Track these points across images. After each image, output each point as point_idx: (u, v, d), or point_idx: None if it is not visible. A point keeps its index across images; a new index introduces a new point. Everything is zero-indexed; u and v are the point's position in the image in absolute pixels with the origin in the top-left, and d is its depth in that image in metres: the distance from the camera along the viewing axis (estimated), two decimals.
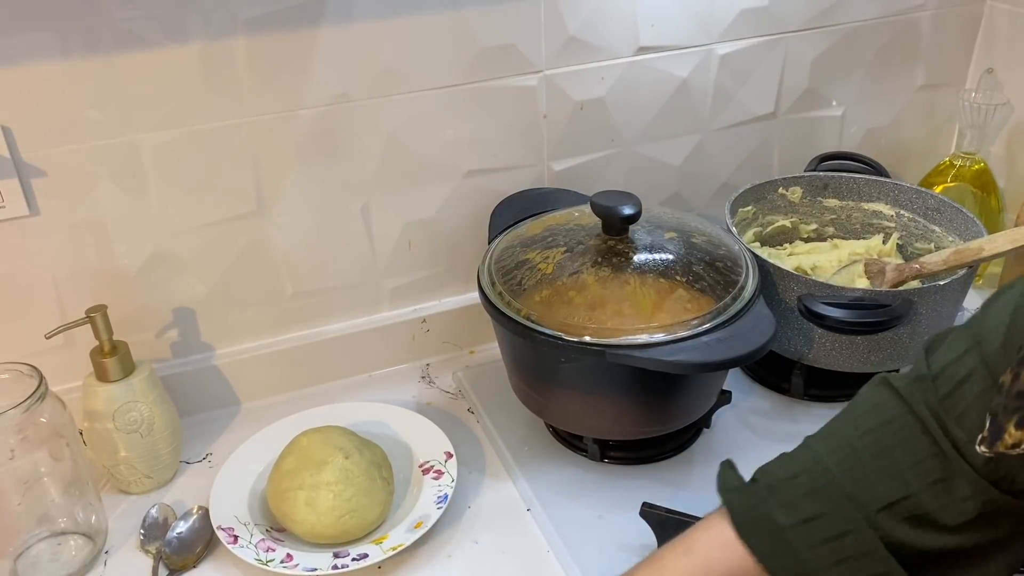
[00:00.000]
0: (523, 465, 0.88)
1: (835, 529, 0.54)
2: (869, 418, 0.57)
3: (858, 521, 0.54)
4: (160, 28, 0.79)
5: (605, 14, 0.95)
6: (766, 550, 0.55)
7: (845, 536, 0.54)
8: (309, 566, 0.75)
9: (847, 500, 0.55)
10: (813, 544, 0.54)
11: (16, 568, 0.77)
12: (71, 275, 0.86)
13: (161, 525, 0.81)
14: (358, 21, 0.86)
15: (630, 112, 1.02)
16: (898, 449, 0.54)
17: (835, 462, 0.56)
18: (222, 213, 0.90)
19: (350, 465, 0.78)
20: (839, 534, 0.54)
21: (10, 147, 0.78)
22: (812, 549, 0.54)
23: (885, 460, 0.55)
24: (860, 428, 0.57)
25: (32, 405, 0.72)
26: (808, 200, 1.06)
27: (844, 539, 0.54)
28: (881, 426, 0.56)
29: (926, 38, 1.14)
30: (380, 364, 1.03)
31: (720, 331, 0.76)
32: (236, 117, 0.86)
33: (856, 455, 0.56)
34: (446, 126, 0.94)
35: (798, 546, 0.55)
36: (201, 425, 0.95)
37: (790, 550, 0.55)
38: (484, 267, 0.86)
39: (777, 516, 0.56)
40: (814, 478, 0.56)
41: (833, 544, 0.54)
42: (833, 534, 0.54)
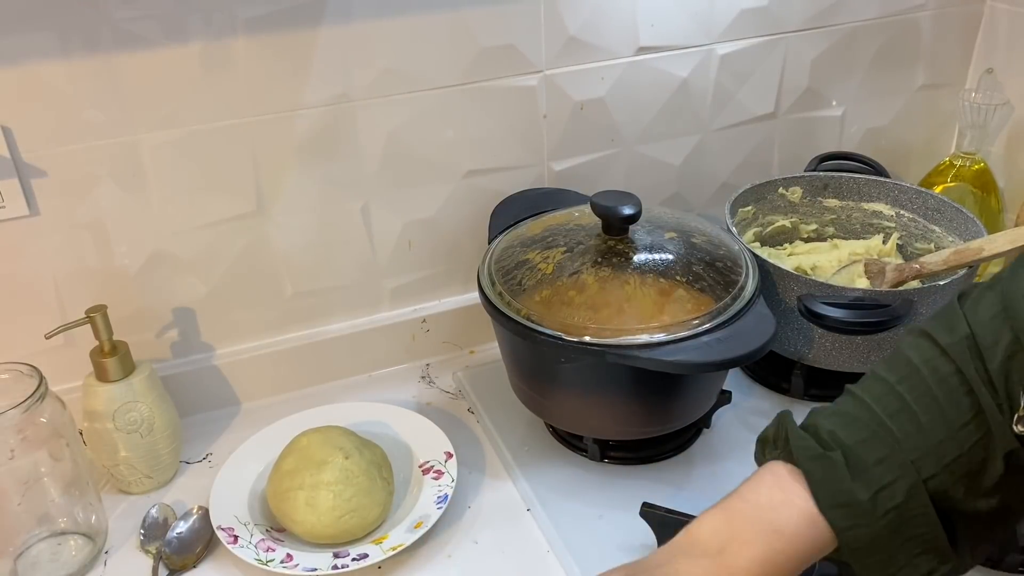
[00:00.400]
0: (523, 465, 0.88)
1: (901, 495, 0.55)
2: (918, 378, 0.56)
3: (918, 485, 0.54)
4: (160, 28, 0.79)
5: (605, 14, 0.95)
6: (847, 522, 0.55)
7: (907, 501, 0.54)
8: (309, 566, 0.75)
9: (911, 465, 0.55)
10: (884, 511, 0.55)
11: (16, 568, 0.77)
12: (71, 275, 0.86)
13: (161, 525, 0.81)
14: (358, 21, 0.86)
15: (630, 112, 1.02)
16: (949, 408, 0.55)
17: (897, 426, 0.56)
18: (222, 213, 0.90)
19: (350, 465, 0.78)
20: (903, 500, 0.54)
21: (10, 147, 0.78)
22: (883, 517, 0.55)
23: (939, 419, 0.55)
24: (912, 389, 0.56)
25: (32, 405, 0.72)
26: (808, 200, 1.06)
27: (906, 504, 0.54)
28: (931, 387, 0.56)
29: (926, 38, 1.14)
30: (380, 364, 1.03)
31: (720, 331, 0.76)
32: (236, 117, 0.86)
33: (914, 418, 0.56)
34: (446, 126, 0.94)
35: (874, 515, 0.55)
36: (201, 425, 0.95)
37: (869, 520, 0.55)
38: (484, 267, 0.86)
39: (857, 490, 0.55)
40: (882, 445, 0.56)
41: (899, 510, 0.55)
42: (900, 501, 0.54)
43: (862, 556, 0.56)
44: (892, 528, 0.55)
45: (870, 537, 0.55)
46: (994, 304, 0.54)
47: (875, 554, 0.55)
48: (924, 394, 0.56)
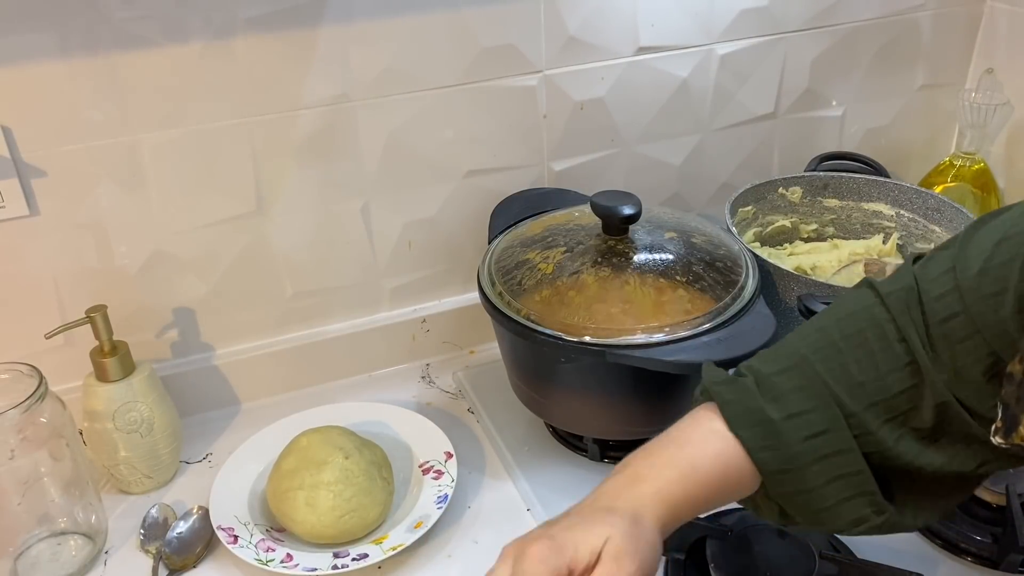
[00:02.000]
0: (523, 465, 0.88)
1: (819, 426, 0.55)
2: (851, 320, 0.57)
3: (839, 419, 0.55)
4: (160, 28, 0.79)
5: (605, 14, 0.95)
6: (757, 442, 0.55)
7: (828, 432, 0.55)
8: (309, 566, 0.75)
9: (831, 398, 0.55)
10: (800, 439, 0.55)
11: (16, 568, 0.77)
12: (71, 275, 0.86)
13: (161, 525, 0.81)
14: (358, 21, 0.86)
15: (630, 112, 1.02)
16: (879, 353, 0.55)
17: (819, 360, 0.56)
18: (222, 213, 0.90)
19: (350, 465, 0.78)
20: (822, 431, 0.55)
21: (10, 147, 0.78)
22: (800, 443, 0.55)
23: (867, 362, 0.55)
24: (843, 330, 0.57)
25: (32, 405, 0.72)
26: (808, 200, 1.06)
27: (827, 435, 0.55)
28: (863, 329, 0.56)
29: (926, 38, 1.14)
30: (380, 364, 1.03)
31: (720, 331, 0.76)
32: (236, 117, 0.86)
33: (840, 355, 0.56)
34: (446, 126, 0.94)
35: (788, 439, 0.55)
36: (201, 425, 0.95)
37: (780, 443, 0.55)
38: (484, 267, 0.86)
39: (768, 409, 0.56)
40: (801, 375, 0.57)
41: (816, 440, 0.55)
42: (817, 430, 0.55)
43: (782, 486, 0.55)
44: (814, 459, 0.55)
45: (787, 462, 0.55)
46: (945, 262, 0.54)
47: (797, 486, 0.55)
48: (854, 335, 0.56)
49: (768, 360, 0.59)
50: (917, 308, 0.54)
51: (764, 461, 0.55)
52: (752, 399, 0.57)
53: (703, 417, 0.58)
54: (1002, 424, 0.49)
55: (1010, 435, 0.48)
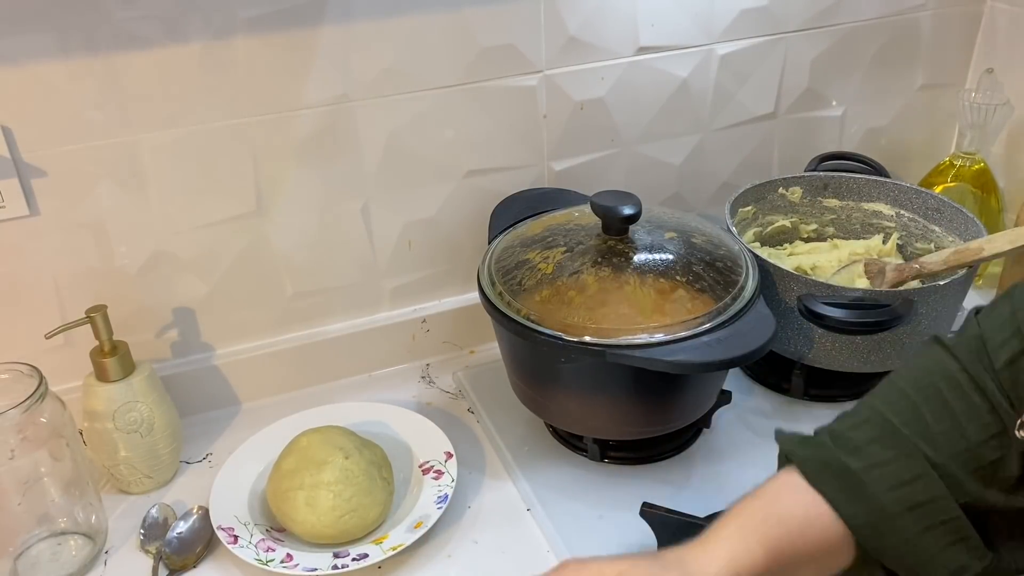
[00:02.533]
0: (523, 465, 0.88)
1: (907, 474, 0.53)
2: (924, 375, 0.56)
3: (926, 467, 0.53)
4: (160, 28, 0.79)
5: (605, 14, 0.95)
6: (839, 495, 0.54)
7: (917, 480, 0.53)
8: (309, 566, 0.75)
9: (914, 447, 0.54)
10: (886, 488, 0.53)
11: (16, 568, 0.77)
12: (71, 275, 0.86)
13: (161, 525, 0.81)
14: (358, 21, 0.86)
15: (630, 112, 1.02)
16: (955, 402, 0.54)
17: (893, 412, 0.56)
18: (222, 213, 0.90)
19: (350, 465, 0.78)
20: (912, 479, 0.53)
21: (10, 147, 0.78)
22: (887, 493, 0.53)
23: (944, 413, 0.54)
24: (916, 384, 0.56)
25: (32, 405, 0.72)
26: (808, 200, 1.06)
27: (916, 483, 0.53)
28: (937, 381, 0.55)
29: (926, 38, 1.14)
30: (380, 364, 1.03)
31: (720, 331, 0.76)
32: (236, 117, 0.86)
33: (915, 408, 0.55)
34: (446, 126, 0.94)
35: (873, 490, 0.54)
36: (201, 425, 0.95)
37: (865, 494, 0.54)
38: (484, 267, 0.86)
39: (847, 461, 0.55)
40: (877, 427, 0.56)
41: (906, 489, 0.53)
42: (906, 479, 0.53)
43: (876, 540, 0.54)
44: (904, 508, 0.53)
45: (875, 513, 0.53)
46: (1006, 307, 0.54)
47: (890, 539, 0.53)
48: (927, 387, 0.56)
49: (842, 419, 0.58)
50: (986, 355, 0.54)
51: (852, 515, 0.54)
52: (829, 452, 0.56)
53: (784, 478, 0.57)
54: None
55: None
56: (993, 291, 1.11)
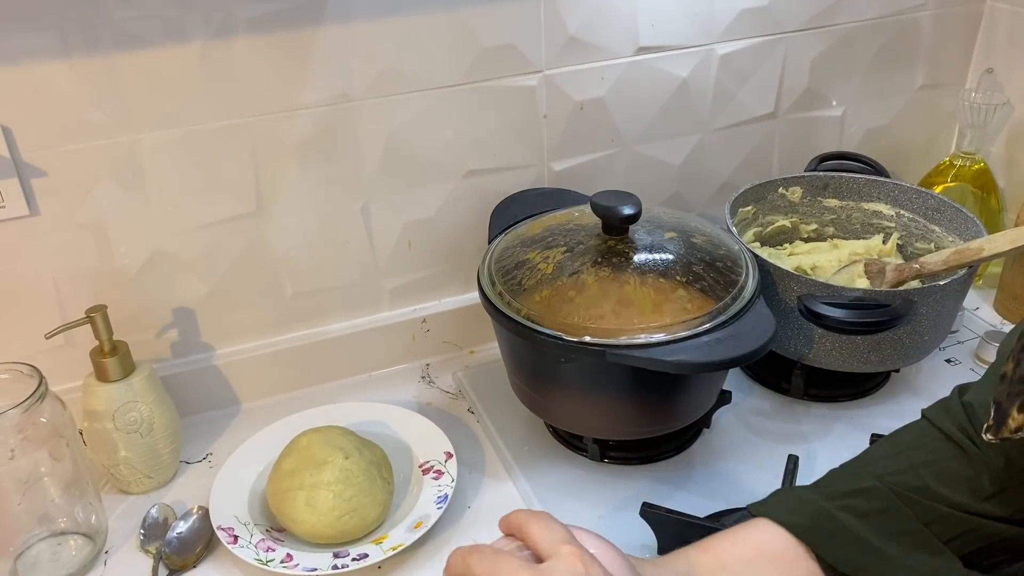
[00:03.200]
0: (523, 465, 0.88)
1: (854, 486, 0.56)
2: (895, 437, 0.60)
3: (877, 484, 0.56)
4: (160, 28, 0.79)
5: (605, 14, 0.95)
6: (780, 509, 0.57)
7: (862, 493, 0.56)
8: (309, 566, 0.75)
9: (869, 475, 0.57)
10: (826, 498, 0.56)
11: (16, 568, 0.77)
12: (71, 275, 0.86)
13: (161, 525, 0.81)
14: (358, 21, 0.86)
15: (630, 112, 1.02)
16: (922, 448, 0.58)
17: (867, 461, 0.59)
18: (222, 213, 0.90)
19: (350, 465, 0.78)
20: (856, 491, 0.56)
21: (10, 147, 0.78)
22: (827, 502, 0.56)
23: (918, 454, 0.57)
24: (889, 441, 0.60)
25: (32, 405, 0.72)
26: (808, 200, 1.06)
27: (861, 495, 0.56)
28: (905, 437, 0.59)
29: (926, 38, 1.14)
30: (380, 364, 1.03)
31: (720, 331, 0.76)
32: (236, 117, 0.86)
33: (887, 457, 0.59)
34: (446, 126, 0.94)
35: (814, 501, 0.56)
36: (201, 425, 0.95)
37: (805, 504, 0.56)
38: (484, 267, 0.86)
39: (804, 494, 0.57)
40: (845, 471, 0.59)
41: (848, 500, 0.56)
42: (850, 490, 0.56)
43: (828, 544, 0.55)
44: (853, 515, 0.55)
45: (815, 516, 0.55)
46: (993, 374, 0.57)
47: (847, 546, 0.55)
48: (897, 441, 0.60)
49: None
50: (958, 410, 0.57)
51: (792, 523, 0.56)
52: (780, 491, 0.59)
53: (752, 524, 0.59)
54: (994, 422, 0.50)
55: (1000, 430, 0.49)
56: (993, 291, 1.11)
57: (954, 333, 1.05)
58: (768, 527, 0.57)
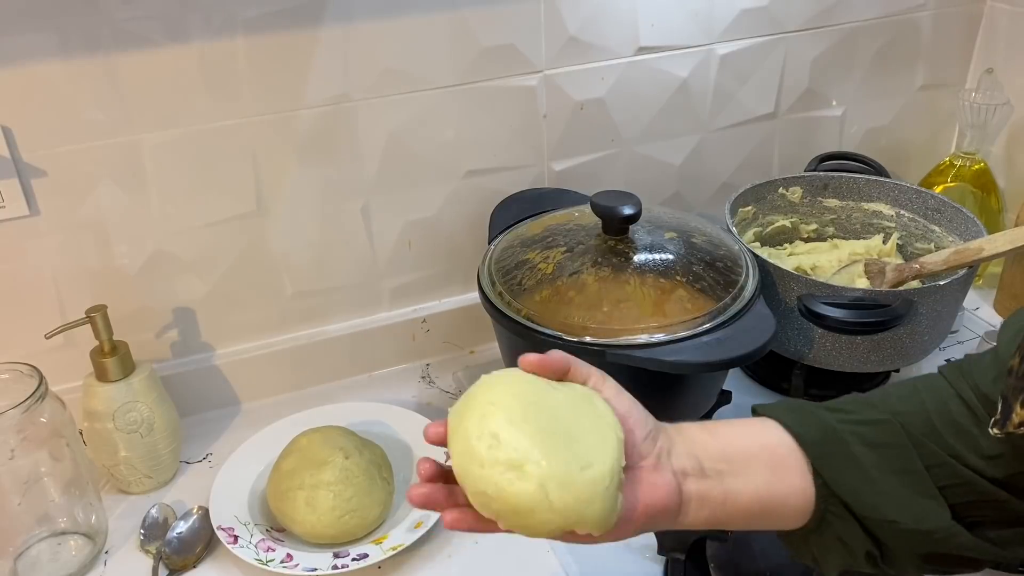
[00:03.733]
0: None
1: (867, 416, 0.56)
2: (910, 385, 0.59)
3: (889, 419, 0.55)
4: (160, 28, 0.79)
5: (605, 14, 0.95)
6: (789, 416, 0.56)
7: (876, 424, 0.55)
8: (309, 566, 0.75)
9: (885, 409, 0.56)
10: (839, 421, 0.55)
11: (16, 568, 0.77)
12: (71, 275, 0.86)
13: (161, 525, 0.81)
14: (358, 21, 0.86)
15: (630, 112, 1.02)
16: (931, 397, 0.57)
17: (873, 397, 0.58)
18: (222, 213, 0.90)
19: (350, 465, 0.78)
20: (870, 421, 0.55)
21: (10, 147, 0.78)
22: (840, 424, 0.55)
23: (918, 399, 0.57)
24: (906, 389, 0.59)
25: (32, 405, 0.72)
26: (808, 200, 1.06)
27: (875, 426, 0.55)
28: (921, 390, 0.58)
29: (926, 38, 1.14)
30: (380, 364, 1.03)
31: (720, 331, 0.76)
32: (236, 117, 0.86)
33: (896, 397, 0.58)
34: (446, 126, 0.94)
35: (826, 418, 0.56)
36: (201, 425, 0.95)
37: (821, 421, 0.56)
38: (484, 267, 0.86)
39: (805, 404, 0.57)
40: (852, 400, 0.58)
41: (862, 428, 0.55)
42: (864, 419, 0.56)
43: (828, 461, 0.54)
44: (862, 443, 0.54)
45: (827, 433, 0.55)
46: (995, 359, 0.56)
47: (845, 463, 0.54)
48: (905, 386, 0.59)
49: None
50: (970, 376, 0.56)
51: (798, 432, 0.55)
52: (791, 402, 0.58)
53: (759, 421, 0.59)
54: (1000, 416, 0.50)
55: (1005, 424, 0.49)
56: (993, 291, 1.11)
57: (954, 333, 1.05)
58: (775, 431, 0.56)
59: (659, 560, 0.76)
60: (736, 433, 0.57)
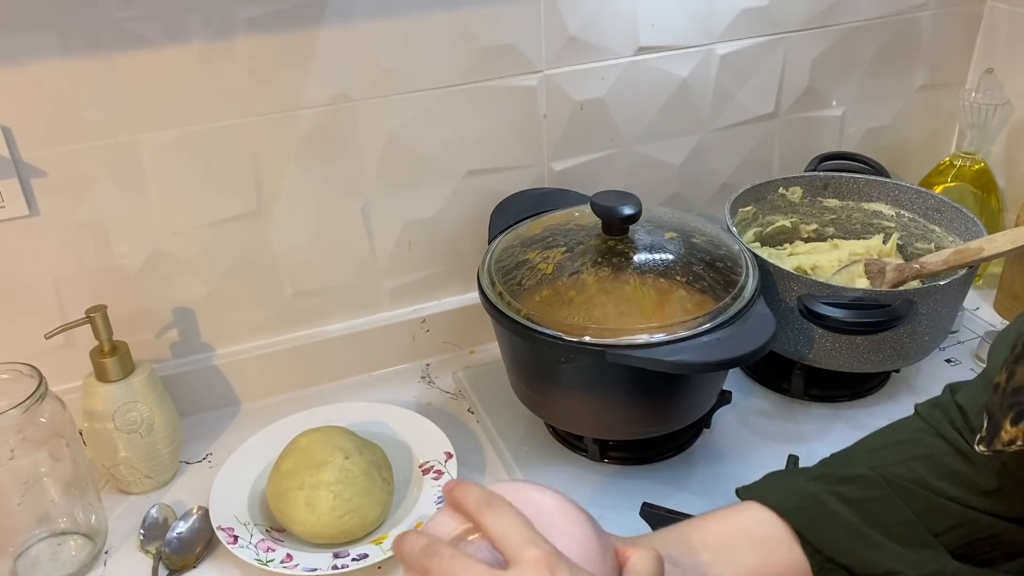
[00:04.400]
0: (523, 465, 0.88)
1: (848, 472, 0.56)
2: (885, 432, 0.59)
3: (869, 473, 0.55)
4: (160, 28, 0.79)
5: (605, 14, 0.95)
6: (770, 491, 0.56)
7: (855, 481, 0.55)
8: (309, 566, 0.75)
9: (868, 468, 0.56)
10: (812, 479, 0.56)
11: (16, 568, 0.77)
12: (71, 275, 0.86)
13: (161, 525, 0.81)
14: (358, 21, 0.86)
15: (630, 112, 1.02)
16: (910, 443, 0.57)
17: (857, 451, 0.59)
18: (222, 213, 0.90)
19: (350, 465, 0.78)
20: (851, 478, 0.55)
21: (10, 147, 0.78)
22: (815, 484, 0.55)
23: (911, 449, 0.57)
24: (878, 436, 0.59)
25: (32, 405, 0.72)
26: (808, 200, 1.06)
27: (853, 483, 0.55)
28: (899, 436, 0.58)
29: (926, 38, 1.14)
30: (380, 364, 1.03)
31: (720, 331, 0.76)
32: (236, 117, 0.86)
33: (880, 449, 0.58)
34: (446, 126, 0.94)
35: (801, 484, 0.56)
36: (201, 425, 0.95)
37: (794, 487, 0.56)
38: (484, 267, 0.86)
39: (795, 477, 0.57)
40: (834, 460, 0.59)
41: (841, 487, 0.55)
42: (845, 477, 0.55)
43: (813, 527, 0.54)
44: (840, 500, 0.54)
45: (804, 500, 0.54)
46: (982, 379, 0.57)
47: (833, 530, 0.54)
48: (886, 434, 0.59)
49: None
50: (957, 415, 0.56)
51: (779, 505, 0.55)
52: (769, 475, 0.58)
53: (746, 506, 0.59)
54: (986, 433, 0.49)
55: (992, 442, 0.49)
56: (993, 291, 1.11)
57: (954, 333, 1.05)
58: (755, 510, 0.56)
59: None
60: (715, 522, 0.57)
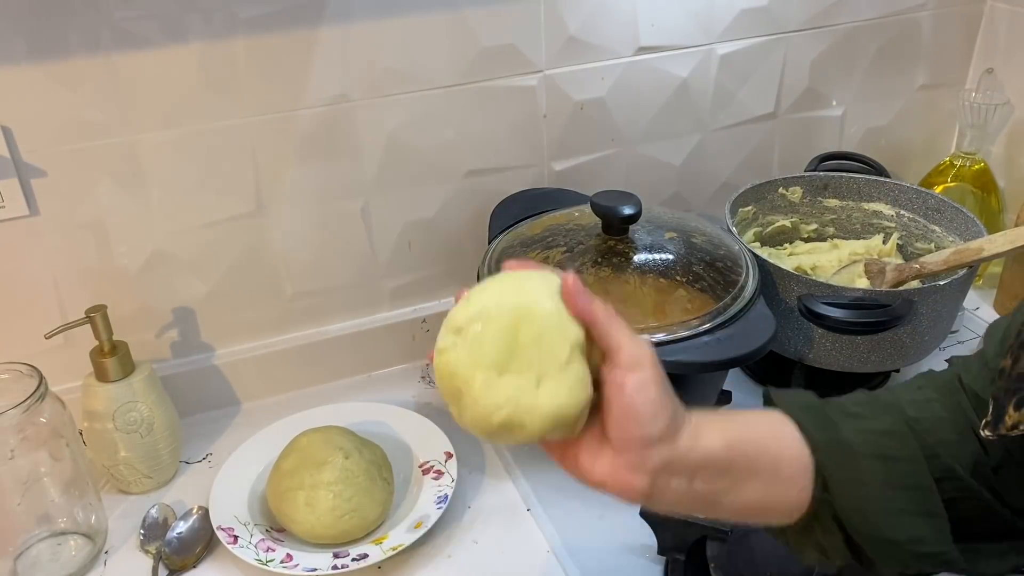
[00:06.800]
0: (523, 465, 0.88)
1: (881, 426, 0.55)
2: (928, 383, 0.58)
3: (906, 430, 0.54)
4: (160, 28, 0.79)
5: (605, 14, 0.95)
6: (808, 418, 0.55)
7: (892, 435, 0.54)
8: (309, 566, 0.75)
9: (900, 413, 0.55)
10: (856, 430, 0.54)
11: (16, 568, 0.77)
12: (71, 275, 0.86)
13: (161, 525, 0.81)
14: (358, 21, 0.86)
15: (630, 112, 1.02)
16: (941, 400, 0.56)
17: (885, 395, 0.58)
18: (222, 213, 0.90)
19: (350, 465, 0.78)
20: (885, 431, 0.54)
21: (10, 147, 0.78)
22: (856, 434, 0.54)
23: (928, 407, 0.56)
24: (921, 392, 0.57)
25: (32, 405, 0.72)
26: (808, 200, 1.06)
27: (890, 437, 0.54)
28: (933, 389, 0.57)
29: (926, 38, 1.14)
30: (380, 364, 1.03)
31: (720, 331, 0.76)
32: (236, 117, 0.86)
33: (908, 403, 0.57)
34: (446, 126, 0.94)
35: (843, 427, 0.54)
36: (201, 425, 0.95)
37: (834, 428, 0.54)
38: (484, 267, 0.86)
39: (825, 407, 0.56)
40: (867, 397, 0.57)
41: (879, 438, 0.54)
42: (879, 429, 0.54)
43: (836, 471, 0.53)
44: (870, 453, 0.53)
45: (838, 443, 0.53)
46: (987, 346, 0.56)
47: (853, 481, 0.53)
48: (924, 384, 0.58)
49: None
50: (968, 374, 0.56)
51: (816, 438, 0.53)
52: (810, 398, 0.56)
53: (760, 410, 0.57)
54: (992, 418, 0.50)
55: (997, 427, 0.49)
56: (993, 291, 1.11)
57: (954, 333, 1.05)
58: (791, 438, 0.54)
59: (659, 560, 0.76)
60: (750, 435, 0.54)
